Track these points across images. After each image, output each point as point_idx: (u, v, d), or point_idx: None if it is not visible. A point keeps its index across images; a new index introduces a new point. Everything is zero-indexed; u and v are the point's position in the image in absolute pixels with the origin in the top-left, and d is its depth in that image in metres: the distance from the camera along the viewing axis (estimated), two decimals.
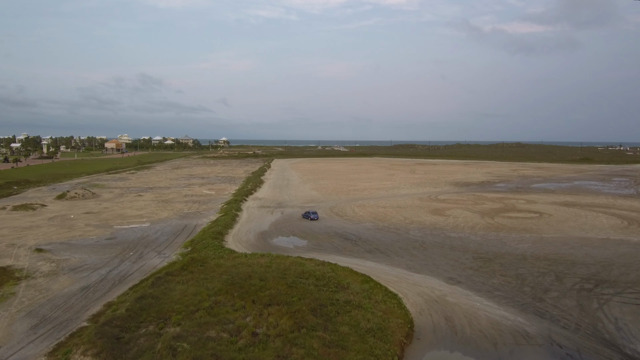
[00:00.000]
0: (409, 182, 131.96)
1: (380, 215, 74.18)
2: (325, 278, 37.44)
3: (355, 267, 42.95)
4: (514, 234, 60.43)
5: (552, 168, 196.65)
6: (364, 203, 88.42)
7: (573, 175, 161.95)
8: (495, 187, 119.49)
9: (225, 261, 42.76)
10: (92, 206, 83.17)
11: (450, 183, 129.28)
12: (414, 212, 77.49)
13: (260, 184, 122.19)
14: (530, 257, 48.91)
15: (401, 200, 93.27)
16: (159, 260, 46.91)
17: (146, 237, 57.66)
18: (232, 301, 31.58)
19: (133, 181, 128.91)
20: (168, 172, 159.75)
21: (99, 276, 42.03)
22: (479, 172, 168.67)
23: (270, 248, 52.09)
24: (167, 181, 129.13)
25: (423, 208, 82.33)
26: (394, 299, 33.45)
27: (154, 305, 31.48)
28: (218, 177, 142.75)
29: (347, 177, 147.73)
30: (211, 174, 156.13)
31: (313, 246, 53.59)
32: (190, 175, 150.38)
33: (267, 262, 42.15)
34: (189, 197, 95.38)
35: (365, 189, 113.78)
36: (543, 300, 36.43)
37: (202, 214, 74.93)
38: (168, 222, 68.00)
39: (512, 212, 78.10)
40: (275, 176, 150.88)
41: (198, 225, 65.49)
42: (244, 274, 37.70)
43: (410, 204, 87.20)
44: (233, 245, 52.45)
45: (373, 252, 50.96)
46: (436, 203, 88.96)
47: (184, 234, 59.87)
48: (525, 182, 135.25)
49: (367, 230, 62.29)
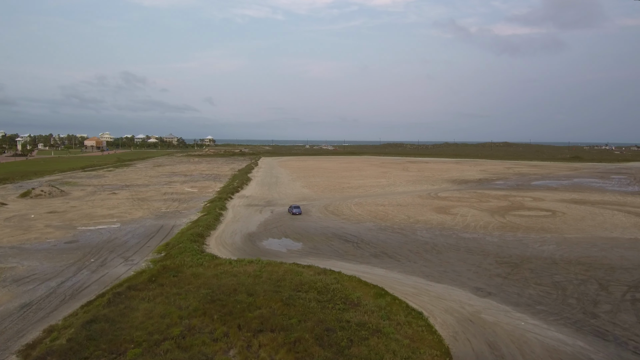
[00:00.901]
0: (405, 179, 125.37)
1: (380, 214, 67.06)
2: (329, 291, 30.04)
3: (362, 275, 35.66)
4: (534, 235, 53.88)
5: (545, 166, 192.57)
6: (361, 201, 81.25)
7: (570, 172, 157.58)
8: (495, 185, 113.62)
9: (205, 270, 35.03)
10: (58, 205, 74.27)
11: (447, 180, 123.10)
12: (417, 211, 70.57)
13: (247, 182, 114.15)
14: (561, 261, 42.27)
15: (400, 198, 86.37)
16: (124, 268, 38.90)
17: (114, 240, 49.44)
18: (211, 326, 23.97)
19: (109, 179, 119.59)
20: (149, 170, 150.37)
21: (47, 289, 33.91)
22: (473, 170, 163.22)
23: (259, 253, 44.46)
24: (146, 179, 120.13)
25: (425, 206, 75.50)
26: (420, 320, 26.19)
27: (107, 332, 23.71)
28: (202, 175, 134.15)
29: (339, 174, 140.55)
30: (195, 171, 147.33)
31: (309, 250, 46.10)
32: (173, 172, 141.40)
33: (257, 271, 34.58)
34: (168, 195, 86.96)
35: (359, 186, 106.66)
36: (597, 316, 29.64)
37: (182, 214, 66.78)
38: (142, 222, 59.73)
39: (522, 210, 71.78)
40: (263, 174, 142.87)
41: (176, 226, 57.43)
42: (227, 287, 30.05)
43: (410, 202, 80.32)
44: (216, 250, 44.63)
45: (380, 256, 43.72)
46: (438, 201, 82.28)
47: (158, 236, 51.79)
48: (524, 179, 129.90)
49: (368, 231, 55.06)
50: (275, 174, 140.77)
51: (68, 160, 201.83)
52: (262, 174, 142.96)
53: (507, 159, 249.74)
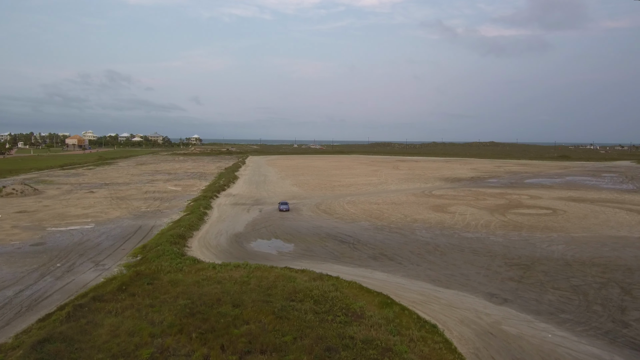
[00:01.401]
0: (396, 177, 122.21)
1: (375, 213, 63.44)
2: (327, 300, 26.19)
3: (362, 280, 31.90)
4: (539, 234, 50.82)
5: (535, 165, 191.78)
6: (354, 199, 77.58)
7: (560, 171, 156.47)
8: (489, 183, 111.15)
9: (185, 276, 30.87)
10: (30, 204, 68.96)
11: (439, 179, 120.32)
12: (413, 209, 67.16)
13: (234, 180, 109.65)
14: (575, 263, 39.14)
15: (394, 196, 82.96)
16: (93, 274, 34.47)
17: (85, 242, 44.81)
18: (189, 346, 19.93)
19: (88, 177, 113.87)
20: (131, 168, 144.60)
21: (2, 300, 29.39)
22: (464, 168, 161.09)
23: (247, 255, 40.39)
24: (127, 177, 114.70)
25: (421, 204, 72.17)
26: (436, 335, 22.49)
27: (62, 355, 19.50)
28: (187, 173, 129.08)
29: (328, 173, 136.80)
30: (179, 170, 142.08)
31: (302, 252, 42.16)
32: (156, 171, 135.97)
33: (244, 277, 30.56)
34: (150, 194, 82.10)
35: (351, 184, 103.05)
36: (628, 325, 26.37)
37: (163, 213, 62.21)
38: (118, 222, 55.05)
39: (521, 209, 68.92)
40: (251, 172, 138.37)
41: (156, 226, 52.94)
42: (210, 297, 26.00)
43: (405, 200, 76.94)
44: (198, 252, 40.40)
45: (379, 258, 40.02)
46: (433, 199, 79.07)
47: (135, 237, 47.27)
48: (516, 177, 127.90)
49: (364, 231, 51.35)
50: (263, 173, 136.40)
51: (47, 158, 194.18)
52: (250, 172, 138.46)
53: (495, 157, 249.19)
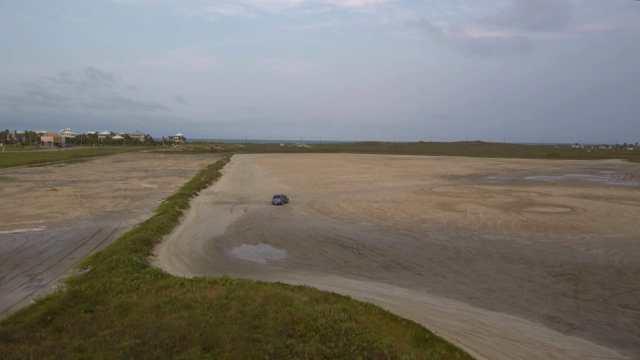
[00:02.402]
0: (390, 175, 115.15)
1: (376, 212, 55.93)
2: (339, 335, 18.43)
3: (379, 300, 24.25)
4: (569, 235, 43.94)
5: (528, 162, 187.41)
6: (350, 197, 69.97)
7: (556, 168, 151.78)
8: (489, 180, 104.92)
9: (142, 297, 22.76)
10: None
11: (435, 176, 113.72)
12: (417, 208, 59.86)
13: (217, 177, 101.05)
14: (629, 271, 32.19)
15: (393, 193, 75.66)
16: (22, 294, 26.03)
17: (27, 250, 36.13)
18: None
19: (57, 174, 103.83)
20: (106, 166, 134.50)
21: None
22: (458, 166, 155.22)
23: (228, 265, 32.37)
24: (100, 174, 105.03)
25: (425, 202, 64.97)
26: None
27: None
28: (166, 171, 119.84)
29: (318, 170, 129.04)
30: (158, 167, 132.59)
31: (297, 260, 34.28)
32: (133, 168, 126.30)
33: (223, 297, 22.61)
34: (120, 192, 73.14)
35: (344, 182, 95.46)
36: None
37: (132, 213, 53.59)
38: (75, 224, 46.29)
39: (535, 207, 62.27)
40: (236, 169, 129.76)
41: (120, 229, 44.40)
42: (171, 334, 17.98)
43: (406, 198, 69.67)
44: (166, 262, 32.18)
45: (393, 267, 32.43)
46: (437, 197, 72.01)
47: (91, 243, 38.74)
48: (515, 175, 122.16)
49: (368, 233, 43.74)
50: (249, 170, 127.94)
51: (17, 155, 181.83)
52: (235, 169, 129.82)
53: (485, 156, 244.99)
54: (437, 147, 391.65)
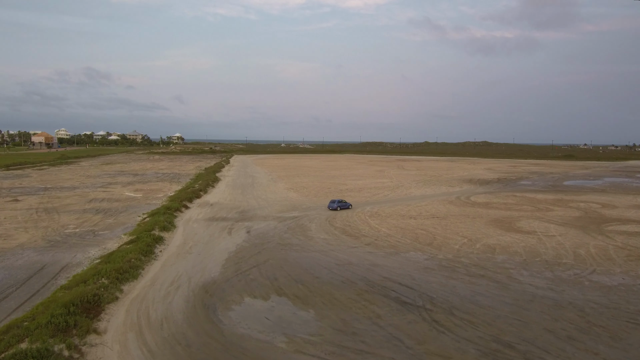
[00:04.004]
0: (411, 179, 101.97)
1: (421, 235, 42.70)
2: None
3: None
4: None
5: (550, 164, 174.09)
6: (375, 210, 56.80)
7: (585, 171, 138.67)
8: (525, 186, 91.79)
9: None
10: None
11: (462, 180, 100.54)
12: (470, 227, 46.66)
13: (214, 182, 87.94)
14: None
15: (427, 204, 62.45)
16: None
17: None
18: None
19: (32, 179, 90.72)
20: (92, 169, 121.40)
21: None
22: (479, 169, 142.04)
23: (223, 349, 19.16)
24: (80, 179, 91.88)
25: (474, 218, 51.77)
26: None
27: None
28: (158, 174, 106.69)
29: (327, 174, 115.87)
30: (150, 170, 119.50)
31: (336, 335, 20.96)
32: (121, 171, 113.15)
33: None
34: (95, 204, 59.96)
35: (361, 188, 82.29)
36: None
37: (97, 237, 40.34)
38: (11, 258, 32.96)
39: (614, 224, 49.07)
40: (236, 173, 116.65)
41: (71, 265, 31.17)
42: None
43: (447, 212, 56.49)
44: (115, 350, 18.93)
45: (502, 357, 19.20)
46: (482, 209, 58.87)
47: (16, 297, 25.47)
48: (548, 179, 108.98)
49: (427, 273, 30.47)
50: (250, 173, 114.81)
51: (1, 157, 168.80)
52: (235, 173, 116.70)
53: (498, 157, 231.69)
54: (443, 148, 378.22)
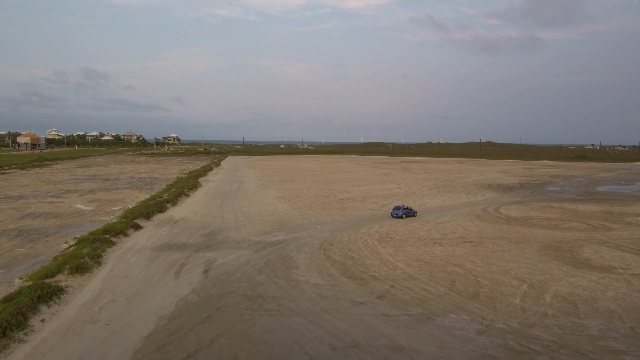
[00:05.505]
0: (422, 185, 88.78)
1: (457, 276, 29.47)
2: None
3: None
4: None
5: (568, 167, 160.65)
6: (386, 230, 43.56)
7: (610, 174, 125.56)
8: (555, 193, 78.67)
9: None
10: None
11: (479, 186, 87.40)
12: (521, 259, 33.37)
13: (192, 189, 74.86)
14: None
15: (449, 221, 49.17)
16: None
17: None
18: None
19: None
20: (62, 172, 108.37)
21: None
22: (492, 171, 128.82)
23: None
24: (37, 185, 78.72)
25: (518, 243, 38.50)
26: None
27: None
28: (132, 179, 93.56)
29: (327, 178, 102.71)
30: (127, 174, 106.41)
31: None
32: (93, 176, 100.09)
33: None
34: (26, 220, 46.71)
35: (365, 197, 69.08)
36: None
37: None
38: None
39: None
40: (223, 177, 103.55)
41: None
42: None
43: (479, 232, 43.23)
44: None
45: None
46: (522, 227, 45.68)
47: None
48: (576, 184, 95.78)
49: None
50: (239, 178, 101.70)
51: None
52: (222, 177, 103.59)
53: (509, 158, 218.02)
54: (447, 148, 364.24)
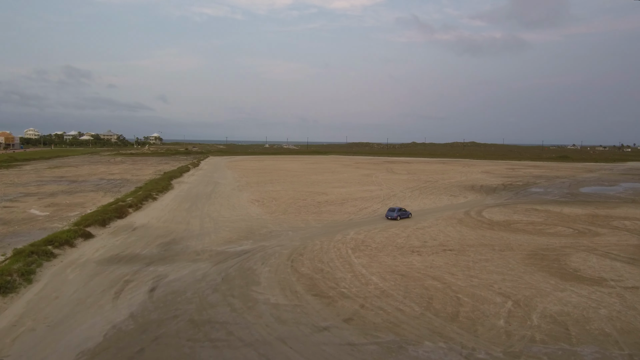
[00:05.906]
0: (403, 186, 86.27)
1: (435, 292, 26.55)
2: None
3: None
4: None
5: (551, 167, 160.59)
6: (363, 237, 40.53)
7: (592, 174, 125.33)
8: (538, 194, 76.99)
9: None
10: None
11: (461, 187, 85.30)
12: (505, 270, 30.67)
13: (162, 192, 70.82)
14: None
15: (429, 225, 46.44)
16: None
17: None
18: None
19: None
20: (29, 174, 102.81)
21: None
22: (474, 172, 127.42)
23: None
24: None
25: (501, 251, 35.89)
26: None
27: None
28: (101, 181, 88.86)
29: (307, 179, 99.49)
30: (97, 175, 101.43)
31: None
32: (60, 177, 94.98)
33: None
34: None
35: (345, 199, 66.07)
36: None
37: None
38: None
39: None
40: (199, 178, 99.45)
41: None
42: None
43: (461, 239, 40.55)
44: None
45: None
46: (506, 233, 43.20)
47: None
48: (559, 185, 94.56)
49: None
50: (215, 179, 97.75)
51: None
52: (197, 179, 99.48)
53: (492, 159, 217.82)
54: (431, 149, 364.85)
